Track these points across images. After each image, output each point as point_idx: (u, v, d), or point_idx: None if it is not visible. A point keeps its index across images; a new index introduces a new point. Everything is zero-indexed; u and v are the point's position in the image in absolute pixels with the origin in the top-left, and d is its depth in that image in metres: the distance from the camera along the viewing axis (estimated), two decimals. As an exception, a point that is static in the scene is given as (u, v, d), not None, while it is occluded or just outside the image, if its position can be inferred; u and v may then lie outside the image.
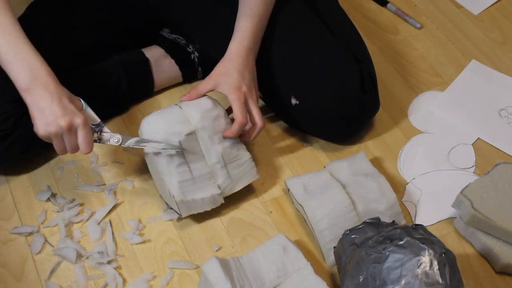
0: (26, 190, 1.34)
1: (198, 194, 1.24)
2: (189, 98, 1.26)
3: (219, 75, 1.25)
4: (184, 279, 1.22)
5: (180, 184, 1.23)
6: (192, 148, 1.23)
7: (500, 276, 1.23)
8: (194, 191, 1.24)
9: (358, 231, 1.11)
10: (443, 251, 1.01)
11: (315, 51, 1.35)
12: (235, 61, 1.26)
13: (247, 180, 1.29)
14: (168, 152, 1.21)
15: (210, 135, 1.23)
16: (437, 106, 1.51)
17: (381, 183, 1.26)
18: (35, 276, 1.22)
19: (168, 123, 1.23)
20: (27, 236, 1.27)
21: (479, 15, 1.74)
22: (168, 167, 1.22)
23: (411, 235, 1.04)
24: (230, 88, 1.23)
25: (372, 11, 1.74)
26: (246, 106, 1.24)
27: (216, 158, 1.24)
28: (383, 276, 1.01)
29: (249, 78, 1.26)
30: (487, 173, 1.28)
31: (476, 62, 1.60)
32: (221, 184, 1.26)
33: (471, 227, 1.24)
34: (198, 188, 1.25)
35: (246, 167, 1.28)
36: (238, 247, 1.26)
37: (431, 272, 0.99)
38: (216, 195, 1.26)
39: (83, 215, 1.30)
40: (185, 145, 1.22)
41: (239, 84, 1.24)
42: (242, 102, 1.23)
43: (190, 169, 1.24)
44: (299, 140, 1.44)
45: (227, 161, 1.25)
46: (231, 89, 1.23)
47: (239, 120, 1.23)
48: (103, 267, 1.22)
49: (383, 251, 1.02)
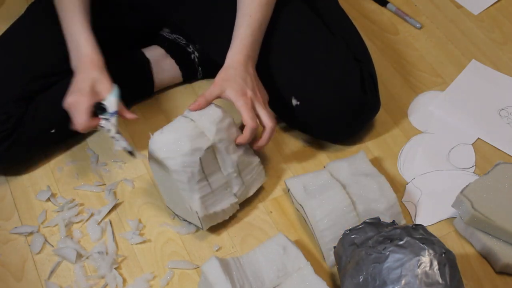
0: (26, 190, 1.34)
1: (218, 206, 1.24)
2: (198, 107, 1.23)
3: (224, 81, 1.24)
4: (184, 279, 1.22)
5: (201, 199, 1.21)
6: (210, 161, 1.22)
7: (500, 276, 1.23)
8: (214, 203, 1.24)
9: (358, 231, 1.11)
10: (443, 251, 1.01)
11: (315, 51, 1.35)
12: (237, 69, 1.25)
13: (258, 184, 1.30)
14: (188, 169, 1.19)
15: (226, 146, 1.22)
16: (437, 106, 1.51)
17: (381, 183, 1.26)
18: (35, 276, 1.22)
19: (188, 141, 1.18)
20: (27, 236, 1.27)
21: (479, 15, 1.73)
22: (189, 184, 1.19)
23: (411, 235, 1.03)
24: (236, 94, 1.22)
25: (372, 11, 1.74)
26: (254, 110, 1.24)
27: (232, 168, 1.24)
28: (383, 276, 1.01)
29: (252, 83, 1.26)
30: (487, 173, 1.28)
31: (476, 62, 1.60)
32: (237, 192, 1.26)
33: (471, 227, 1.24)
34: (218, 200, 1.24)
35: (257, 171, 1.29)
36: (238, 247, 1.26)
37: (431, 272, 0.99)
38: (234, 204, 1.26)
39: (83, 215, 1.30)
40: (204, 160, 1.20)
41: (243, 89, 1.23)
42: (250, 107, 1.22)
43: (209, 183, 1.22)
44: (299, 140, 1.44)
45: (241, 169, 1.25)
46: (237, 95, 1.22)
47: (250, 125, 1.22)
48: (103, 267, 1.22)
49: (383, 251, 1.02)
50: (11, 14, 1.58)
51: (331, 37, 1.37)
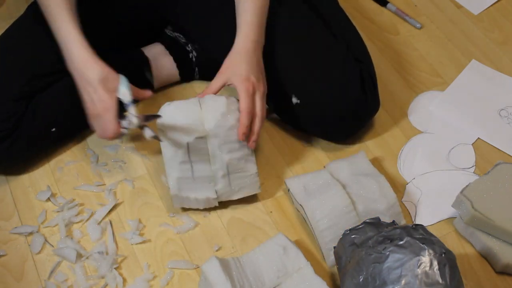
0: (26, 190, 1.34)
1: (193, 194, 1.25)
2: (202, 96, 1.25)
3: (228, 68, 1.25)
4: (184, 279, 1.22)
5: (178, 179, 1.24)
6: (199, 150, 1.23)
7: (500, 276, 1.23)
8: (190, 189, 1.25)
9: (358, 231, 1.11)
10: (443, 251, 1.01)
11: (315, 51, 1.35)
12: (242, 54, 1.25)
13: (247, 192, 1.29)
14: (173, 148, 1.22)
15: (220, 144, 1.22)
16: (437, 106, 1.51)
17: (381, 183, 1.26)
18: (35, 276, 1.22)
19: (183, 121, 1.21)
20: (27, 236, 1.27)
21: (479, 15, 1.74)
22: (170, 161, 1.23)
23: (411, 235, 1.03)
24: (239, 79, 1.22)
25: (372, 11, 1.74)
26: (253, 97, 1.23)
27: (220, 166, 1.24)
28: (383, 276, 1.01)
29: (257, 70, 1.26)
30: (487, 173, 1.28)
31: (476, 62, 1.60)
32: (219, 190, 1.26)
33: (471, 227, 1.24)
34: (196, 188, 1.25)
35: (250, 180, 1.28)
36: (238, 247, 1.26)
37: (431, 272, 0.99)
38: (211, 199, 1.26)
39: (83, 215, 1.30)
40: (192, 146, 1.22)
41: (247, 74, 1.23)
42: (250, 93, 1.22)
43: (193, 169, 1.24)
44: (299, 140, 1.44)
45: (231, 171, 1.25)
46: (239, 80, 1.22)
47: (246, 110, 1.21)
48: (103, 267, 1.22)
49: (383, 251, 1.02)
50: (11, 14, 1.58)
51: (331, 37, 1.38)
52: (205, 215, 1.30)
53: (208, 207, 1.28)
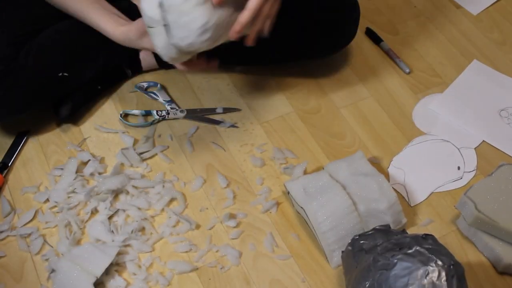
0: (25, 190, 1.33)
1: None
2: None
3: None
4: (184, 280, 1.22)
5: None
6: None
7: (502, 276, 1.23)
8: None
9: (367, 237, 1.11)
10: (451, 262, 1.01)
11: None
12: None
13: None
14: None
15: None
16: (437, 106, 1.51)
17: (381, 182, 1.26)
18: (35, 276, 1.21)
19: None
20: (27, 237, 1.26)
21: (478, 15, 1.74)
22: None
23: (420, 244, 1.03)
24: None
25: (372, 11, 1.74)
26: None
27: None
28: (389, 283, 1.00)
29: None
30: (491, 175, 1.27)
31: (477, 62, 1.60)
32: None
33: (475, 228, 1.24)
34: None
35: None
36: (238, 248, 1.26)
37: (439, 283, 0.99)
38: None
39: (83, 215, 1.29)
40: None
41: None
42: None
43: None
44: (299, 140, 1.44)
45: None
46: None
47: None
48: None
49: (391, 258, 1.02)
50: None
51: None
52: (205, 215, 1.29)
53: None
